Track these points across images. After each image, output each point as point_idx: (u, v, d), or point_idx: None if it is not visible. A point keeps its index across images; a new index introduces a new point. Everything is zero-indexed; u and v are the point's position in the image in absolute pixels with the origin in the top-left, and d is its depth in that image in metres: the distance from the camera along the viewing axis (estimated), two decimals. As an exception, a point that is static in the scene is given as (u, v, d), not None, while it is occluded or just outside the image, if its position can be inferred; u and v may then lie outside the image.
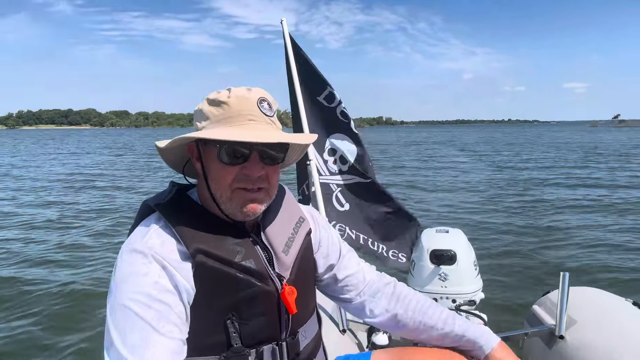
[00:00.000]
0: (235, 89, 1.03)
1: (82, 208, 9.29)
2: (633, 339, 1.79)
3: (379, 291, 1.31)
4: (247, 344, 1.01)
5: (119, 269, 0.94)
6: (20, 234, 7.07)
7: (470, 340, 1.23)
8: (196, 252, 0.96)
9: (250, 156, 1.00)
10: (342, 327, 2.02)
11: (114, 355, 0.87)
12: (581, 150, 26.70)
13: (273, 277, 1.05)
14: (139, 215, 1.08)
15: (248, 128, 0.99)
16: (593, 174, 14.44)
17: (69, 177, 15.51)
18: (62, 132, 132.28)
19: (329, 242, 1.29)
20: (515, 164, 18.79)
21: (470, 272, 2.25)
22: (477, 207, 8.84)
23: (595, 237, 6.21)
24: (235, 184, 1.00)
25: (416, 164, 19.54)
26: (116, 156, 26.57)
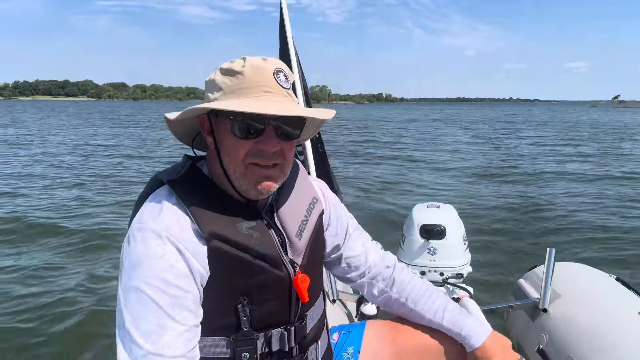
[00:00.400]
0: (250, 58, 0.98)
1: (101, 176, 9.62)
2: (615, 312, 1.84)
3: (379, 273, 1.33)
4: (256, 328, 1.01)
5: (132, 249, 0.92)
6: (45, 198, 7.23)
7: (458, 335, 1.25)
8: (211, 236, 0.94)
9: (265, 130, 0.96)
10: (332, 297, 2.08)
11: (127, 338, 0.87)
12: (575, 128, 27.15)
13: (286, 263, 1.04)
14: (148, 188, 1.04)
15: (264, 100, 0.95)
16: (583, 151, 14.87)
17: (81, 147, 15.83)
18: (60, 103, 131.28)
19: (338, 222, 1.28)
20: (510, 141, 19.08)
21: (458, 246, 2.30)
22: (470, 184, 8.99)
23: (582, 215, 6.38)
24: (249, 159, 0.97)
25: (412, 141, 19.68)
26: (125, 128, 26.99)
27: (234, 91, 0.96)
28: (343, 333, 1.39)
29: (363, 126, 31.04)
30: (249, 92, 0.95)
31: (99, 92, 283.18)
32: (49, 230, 5.54)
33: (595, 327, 1.78)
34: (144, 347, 0.85)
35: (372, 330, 1.35)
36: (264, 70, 0.96)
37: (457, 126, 31.82)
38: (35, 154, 13.70)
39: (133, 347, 0.86)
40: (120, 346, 0.88)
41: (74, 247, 4.94)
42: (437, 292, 1.34)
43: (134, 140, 19.18)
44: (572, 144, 17.77)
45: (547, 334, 1.95)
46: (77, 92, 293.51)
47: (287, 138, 1.00)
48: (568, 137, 21.31)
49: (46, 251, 4.83)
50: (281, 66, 1.00)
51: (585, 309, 1.92)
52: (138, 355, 0.85)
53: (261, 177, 0.98)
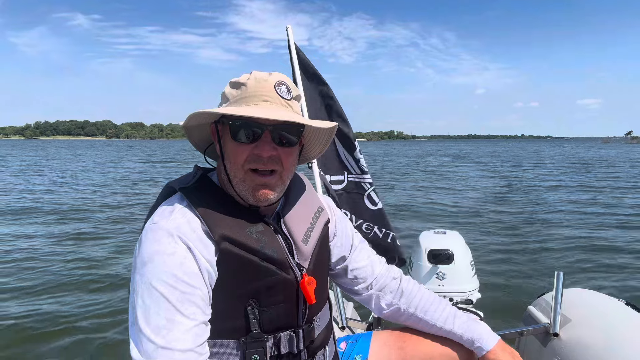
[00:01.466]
0: (257, 72, 1.04)
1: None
2: (626, 334, 1.82)
3: (385, 285, 1.35)
4: (265, 330, 1.03)
5: (144, 247, 0.94)
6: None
7: (469, 340, 1.27)
8: (221, 238, 0.97)
9: (262, 135, 1.00)
10: (342, 324, 2.09)
11: (138, 333, 0.89)
12: (581, 162, 27.62)
13: (293, 266, 1.06)
14: (161, 196, 1.09)
15: (261, 107, 0.99)
16: (587, 182, 15.25)
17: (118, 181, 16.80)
18: (81, 142, 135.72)
19: (343, 233, 1.31)
20: (516, 173, 19.54)
21: (466, 271, 2.30)
22: (476, 212, 9.13)
23: (590, 241, 6.41)
24: (247, 164, 1.00)
25: (420, 173, 20.21)
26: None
27: (237, 100, 1.02)
28: (350, 342, 1.40)
29: (373, 161, 31.40)
30: (249, 101, 1.01)
31: (117, 131, 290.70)
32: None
33: (607, 350, 1.75)
34: (154, 342, 0.87)
35: (378, 339, 1.36)
36: (265, 82, 1.02)
37: (466, 160, 32.37)
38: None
39: (144, 341, 0.88)
40: (132, 341, 0.90)
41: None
42: (444, 301, 1.35)
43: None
44: (576, 175, 18.31)
45: (559, 358, 1.93)
46: (96, 132, 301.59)
47: (285, 145, 1.03)
48: (572, 169, 21.81)
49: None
50: (284, 79, 1.05)
51: (596, 332, 1.89)
52: (149, 349, 0.87)
53: (258, 185, 1.02)
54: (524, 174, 19.09)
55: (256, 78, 1.02)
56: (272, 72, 1.05)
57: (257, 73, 1.04)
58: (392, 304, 1.34)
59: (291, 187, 1.17)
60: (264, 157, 0.99)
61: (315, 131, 1.14)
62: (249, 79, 1.02)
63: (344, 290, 1.41)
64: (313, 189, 1.27)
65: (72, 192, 12.78)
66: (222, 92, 1.08)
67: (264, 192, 1.02)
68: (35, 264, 5.32)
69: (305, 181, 1.26)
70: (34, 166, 23.91)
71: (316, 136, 1.18)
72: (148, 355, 0.87)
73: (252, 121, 0.98)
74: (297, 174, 1.22)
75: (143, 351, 0.87)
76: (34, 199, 11.35)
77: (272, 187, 1.03)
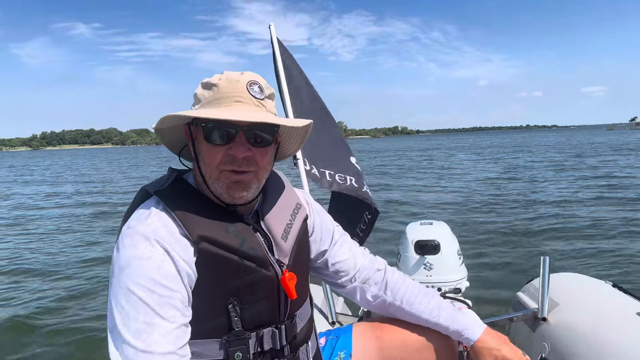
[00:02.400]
0: (228, 72, 1.04)
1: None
2: (613, 315, 1.83)
3: (369, 277, 1.36)
4: (247, 327, 1.03)
5: (121, 252, 0.94)
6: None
7: (455, 331, 1.29)
8: (199, 239, 0.97)
9: (236, 136, 1.00)
10: (332, 319, 2.11)
11: (118, 339, 0.89)
12: (577, 149, 27.86)
13: (273, 263, 1.07)
14: (136, 200, 1.07)
15: (234, 109, 0.99)
16: (575, 169, 15.69)
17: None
18: (87, 151, 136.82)
19: (322, 228, 1.32)
20: (507, 162, 20.01)
21: (454, 261, 2.31)
22: (463, 203, 9.34)
23: (577, 225, 6.54)
24: (222, 165, 1.01)
25: (412, 165, 20.66)
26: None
27: (210, 102, 1.02)
28: (331, 338, 1.41)
29: (367, 157, 31.60)
30: (222, 102, 1.01)
31: (123, 139, 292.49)
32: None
33: (595, 331, 1.76)
34: (134, 346, 0.87)
35: (359, 332, 1.37)
36: (237, 83, 1.02)
37: (461, 151, 32.69)
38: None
39: (124, 346, 0.88)
40: (113, 347, 0.90)
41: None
42: (430, 291, 1.36)
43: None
44: (567, 161, 18.67)
45: (549, 342, 1.93)
46: (102, 140, 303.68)
47: (260, 145, 1.03)
48: (565, 155, 22.21)
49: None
50: (256, 79, 1.04)
51: (584, 315, 1.90)
52: (129, 354, 0.87)
53: (233, 182, 1.02)
54: (514, 162, 19.50)
55: (228, 78, 1.02)
56: (244, 71, 1.05)
57: (229, 73, 1.04)
58: (377, 296, 1.35)
59: (269, 184, 1.17)
60: (238, 158, 1.00)
61: (290, 129, 1.14)
62: (221, 80, 1.02)
63: (328, 284, 1.43)
64: (290, 185, 1.28)
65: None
66: (194, 92, 1.08)
67: (239, 191, 1.02)
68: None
69: (283, 178, 1.27)
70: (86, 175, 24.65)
71: (292, 134, 1.18)
72: (129, 359, 0.87)
73: (226, 122, 0.98)
74: (275, 171, 1.22)
75: (124, 356, 0.87)
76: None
77: (247, 184, 1.03)
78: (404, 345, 1.30)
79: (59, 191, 16.34)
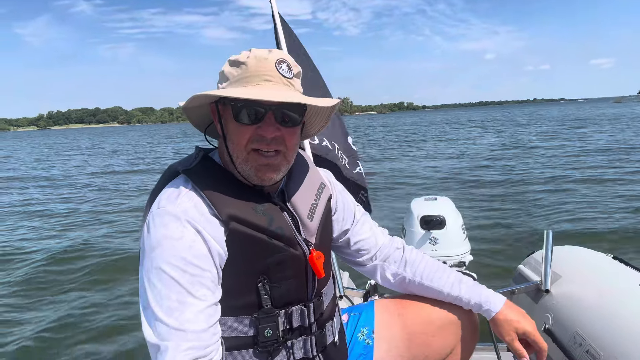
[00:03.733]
0: (256, 49, 1.03)
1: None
2: (616, 286, 1.87)
3: (389, 256, 1.36)
4: (276, 305, 1.04)
5: (152, 232, 0.94)
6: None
7: (476, 304, 1.28)
8: (229, 218, 0.97)
9: (265, 116, 0.98)
10: (339, 293, 2.16)
11: (151, 316, 0.90)
12: (581, 122, 28.04)
13: (301, 242, 1.07)
14: (164, 179, 1.07)
15: (264, 88, 0.99)
16: (578, 142, 15.73)
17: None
18: (94, 130, 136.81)
19: (344, 207, 1.31)
20: (509, 136, 20.02)
21: (458, 235, 2.36)
22: (465, 177, 9.36)
23: (577, 200, 6.57)
24: (251, 144, 1.00)
25: (418, 138, 20.66)
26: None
27: (238, 80, 1.00)
28: (353, 314, 1.41)
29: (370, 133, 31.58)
30: (251, 81, 0.99)
31: (128, 117, 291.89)
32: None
33: (598, 301, 1.79)
34: (167, 323, 0.88)
35: (381, 309, 1.38)
36: (265, 61, 1.00)
37: (468, 126, 32.51)
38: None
39: (157, 324, 0.89)
40: (146, 324, 0.91)
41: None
42: (448, 268, 1.36)
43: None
44: (569, 135, 18.71)
45: (552, 313, 1.98)
46: (107, 119, 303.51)
47: (289, 124, 1.02)
48: (567, 128, 22.36)
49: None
50: (284, 57, 1.03)
51: (587, 286, 1.93)
52: (162, 331, 0.88)
53: (261, 165, 1.01)
54: (516, 136, 19.53)
55: (256, 56, 1.00)
56: (271, 49, 1.04)
57: (257, 51, 1.02)
58: (397, 274, 1.35)
59: (294, 164, 1.14)
60: (267, 138, 0.99)
61: (316, 109, 1.13)
62: (249, 58, 1.00)
63: (347, 262, 1.42)
64: (314, 165, 1.27)
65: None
66: (220, 70, 1.06)
67: (268, 175, 1.02)
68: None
69: (306, 157, 1.26)
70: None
71: (317, 114, 1.16)
72: (162, 337, 0.88)
73: (255, 102, 0.97)
74: (299, 150, 1.20)
75: (157, 333, 0.89)
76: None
77: (276, 167, 1.03)
78: (427, 322, 1.30)
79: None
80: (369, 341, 1.33)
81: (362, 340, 1.34)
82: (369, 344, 1.33)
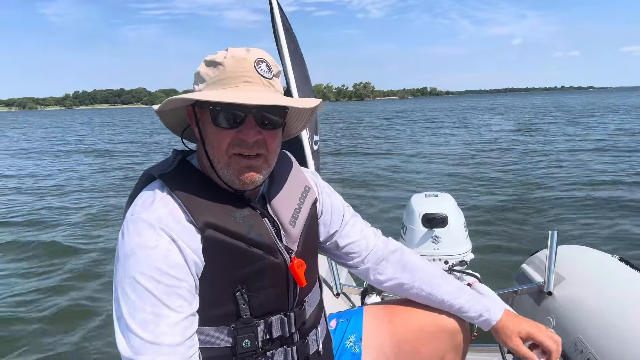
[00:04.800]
0: (233, 49, 0.99)
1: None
2: (620, 291, 1.82)
3: (384, 259, 1.32)
4: (256, 315, 1.02)
5: (125, 239, 0.92)
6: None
7: (476, 314, 1.25)
8: (205, 225, 0.95)
9: (246, 120, 0.96)
10: (336, 290, 2.15)
11: (125, 328, 0.88)
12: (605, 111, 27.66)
13: (282, 250, 1.05)
14: (140, 183, 1.05)
15: (243, 90, 0.96)
16: (587, 136, 15.46)
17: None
18: (121, 110, 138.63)
19: (332, 209, 1.28)
20: (515, 128, 19.71)
21: (461, 234, 2.31)
22: (465, 173, 9.24)
23: (583, 198, 6.41)
24: (232, 149, 0.97)
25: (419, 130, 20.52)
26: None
27: (216, 82, 0.97)
28: (341, 321, 1.38)
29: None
30: (229, 83, 0.96)
31: (152, 99, 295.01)
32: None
33: (601, 307, 1.75)
34: (142, 337, 0.86)
35: (370, 315, 1.35)
36: (244, 61, 0.97)
37: (488, 113, 32.05)
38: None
39: (131, 336, 0.86)
40: (120, 336, 0.89)
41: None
42: (449, 275, 1.33)
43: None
44: (579, 127, 18.28)
45: (554, 316, 1.93)
46: (132, 100, 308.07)
47: (269, 127, 0.99)
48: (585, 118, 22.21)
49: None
50: (263, 56, 1.00)
51: (590, 290, 1.88)
52: (136, 344, 0.86)
53: (243, 167, 0.98)
54: (524, 129, 19.20)
55: (234, 56, 0.97)
56: (249, 47, 1.01)
57: (234, 50, 0.99)
58: (392, 278, 1.31)
59: (276, 167, 1.11)
60: (249, 142, 0.96)
61: (298, 110, 1.11)
62: (226, 58, 0.97)
63: (340, 264, 1.40)
64: (298, 166, 1.24)
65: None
66: (196, 71, 1.03)
67: (250, 175, 1.00)
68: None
69: (291, 158, 1.23)
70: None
71: (299, 113, 1.15)
72: (136, 350, 0.86)
73: (234, 105, 0.94)
74: (283, 151, 1.18)
75: (130, 346, 0.87)
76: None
77: (258, 169, 1.01)
78: (417, 329, 1.28)
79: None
80: (357, 349, 1.30)
81: (350, 348, 1.31)
82: (356, 352, 1.30)
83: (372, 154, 13.45)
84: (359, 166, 10.99)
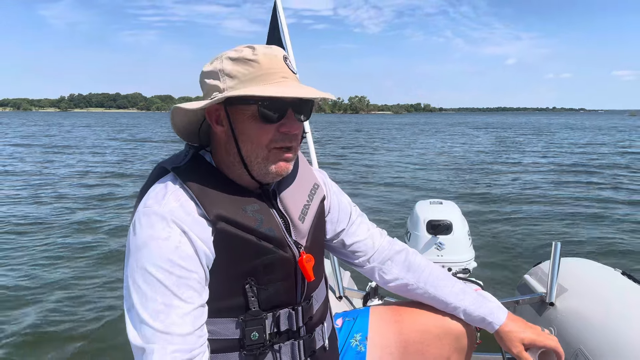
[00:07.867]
0: (257, 46, 1.01)
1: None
2: (623, 304, 1.81)
3: (389, 259, 1.32)
4: (264, 308, 1.02)
5: (137, 232, 0.93)
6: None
7: (479, 317, 1.25)
8: (217, 218, 0.96)
9: (287, 113, 0.98)
10: (339, 293, 2.15)
11: (136, 319, 0.89)
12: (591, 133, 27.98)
13: (291, 244, 1.06)
14: (153, 176, 1.06)
15: (285, 85, 0.98)
16: (587, 153, 15.70)
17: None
18: (116, 115, 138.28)
19: (339, 208, 1.29)
20: (515, 142, 20.45)
21: (464, 241, 2.32)
22: (468, 182, 9.33)
23: (586, 211, 6.43)
24: (273, 143, 0.99)
25: (423, 143, 20.73)
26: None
27: (253, 79, 0.98)
28: (348, 320, 1.39)
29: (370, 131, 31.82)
30: (269, 79, 0.98)
31: (147, 104, 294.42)
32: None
33: (603, 319, 1.74)
34: (153, 326, 0.87)
35: (376, 315, 1.35)
36: (275, 58, 0.99)
37: (477, 130, 32.38)
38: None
39: (142, 326, 0.88)
40: (130, 326, 0.90)
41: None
42: (453, 277, 1.34)
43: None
44: (576, 145, 18.78)
45: (555, 327, 1.92)
46: (127, 105, 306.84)
47: (304, 119, 1.03)
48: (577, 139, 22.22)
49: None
50: (285, 53, 1.04)
51: (593, 302, 1.88)
52: (148, 334, 0.87)
53: (281, 160, 1.01)
54: (523, 143, 19.78)
55: (265, 54, 0.99)
56: (268, 45, 1.02)
57: (260, 47, 1.00)
58: (397, 278, 1.31)
59: None
60: (291, 134, 0.99)
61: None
62: (258, 55, 0.98)
63: (346, 263, 1.40)
64: (308, 164, 1.25)
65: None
66: (213, 69, 1.01)
67: (286, 166, 1.02)
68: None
69: (301, 157, 1.23)
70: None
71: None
72: (147, 339, 0.87)
73: (279, 100, 0.96)
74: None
75: (142, 335, 0.88)
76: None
77: (291, 160, 1.04)
78: (423, 330, 1.28)
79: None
80: (362, 347, 1.30)
81: (355, 346, 1.31)
82: (361, 350, 1.30)
83: (373, 157, 13.63)
84: (357, 172, 11.12)
